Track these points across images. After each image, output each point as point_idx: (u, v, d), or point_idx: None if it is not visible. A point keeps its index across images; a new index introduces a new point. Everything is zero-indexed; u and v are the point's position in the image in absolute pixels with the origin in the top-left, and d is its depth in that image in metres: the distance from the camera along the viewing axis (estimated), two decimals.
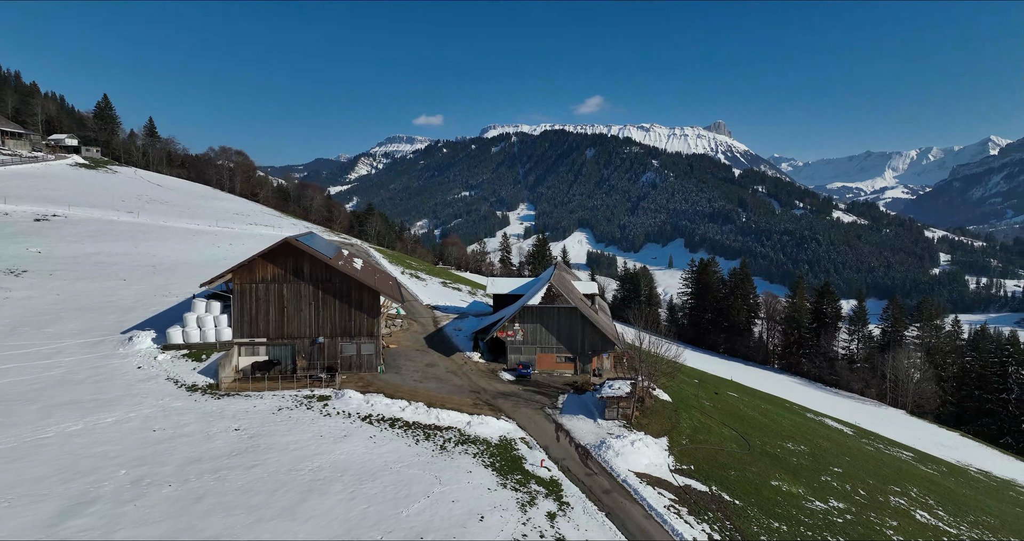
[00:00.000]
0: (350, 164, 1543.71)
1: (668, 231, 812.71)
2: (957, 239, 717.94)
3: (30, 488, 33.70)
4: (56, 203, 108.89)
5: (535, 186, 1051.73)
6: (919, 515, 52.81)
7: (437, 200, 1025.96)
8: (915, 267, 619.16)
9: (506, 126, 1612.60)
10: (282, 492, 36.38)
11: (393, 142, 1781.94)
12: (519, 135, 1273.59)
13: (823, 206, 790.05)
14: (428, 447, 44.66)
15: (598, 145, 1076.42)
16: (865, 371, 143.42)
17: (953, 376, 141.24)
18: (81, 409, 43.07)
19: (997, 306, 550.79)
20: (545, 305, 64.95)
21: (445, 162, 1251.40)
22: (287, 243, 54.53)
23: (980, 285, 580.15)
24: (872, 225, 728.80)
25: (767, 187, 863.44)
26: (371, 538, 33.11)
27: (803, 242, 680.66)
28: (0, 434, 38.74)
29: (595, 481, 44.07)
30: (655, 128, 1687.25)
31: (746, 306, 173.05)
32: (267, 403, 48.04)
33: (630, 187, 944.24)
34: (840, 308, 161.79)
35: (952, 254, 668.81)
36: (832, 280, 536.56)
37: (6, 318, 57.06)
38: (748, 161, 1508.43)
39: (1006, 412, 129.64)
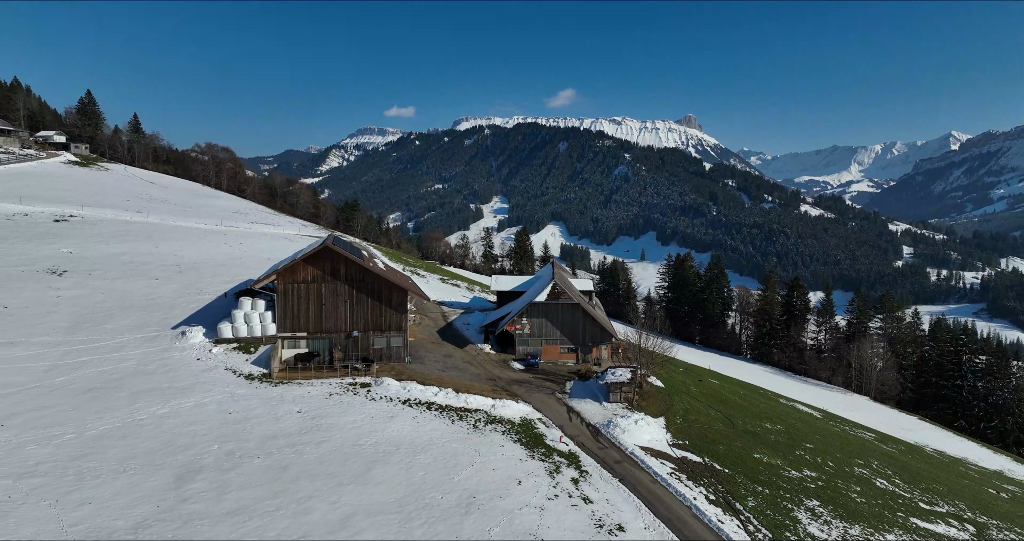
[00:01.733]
0: (321, 156, 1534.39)
1: (640, 224, 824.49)
2: (919, 232, 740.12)
3: (145, 460, 40.13)
4: (66, 203, 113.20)
5: (508, 179, 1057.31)
6: (879, 482, 61.32)
7: (410, 193, 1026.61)
8: (879, 260, 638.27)
9: (478, 118, 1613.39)
10: (352, 462, 43.24)
11: (365, 134, 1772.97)
12: (492, 128, 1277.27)
13: (791, 200, 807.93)
14: (463, 426, 51.73)
15: (571, 138, 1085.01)
16: (832, 360, 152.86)
17: (913, 364, 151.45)
18: (162, 395, 49.31)
19: (956, 297, 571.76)
20: (550, 302, 72.34)
21: (418, 154, 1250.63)
22: (327, 248, 61.01)
23: (941, 277, 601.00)
24: (838, 218, 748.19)
25: (737, 181, 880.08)
26: (433, 497, 40.19)
27: (772, 235, 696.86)
28: (103, 416, 44.94)
29: (607, 454, 51.57)
30: (627, 121, 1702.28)
31: (720, 299, 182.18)
32: (318, 390, 54.68)
33: (603, 180, 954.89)
34: (809, 301, 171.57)
35: (915, 247, 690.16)
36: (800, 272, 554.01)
37: (65, 315, 62.66)
38: (718, 155, 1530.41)
39: (960, 397, 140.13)
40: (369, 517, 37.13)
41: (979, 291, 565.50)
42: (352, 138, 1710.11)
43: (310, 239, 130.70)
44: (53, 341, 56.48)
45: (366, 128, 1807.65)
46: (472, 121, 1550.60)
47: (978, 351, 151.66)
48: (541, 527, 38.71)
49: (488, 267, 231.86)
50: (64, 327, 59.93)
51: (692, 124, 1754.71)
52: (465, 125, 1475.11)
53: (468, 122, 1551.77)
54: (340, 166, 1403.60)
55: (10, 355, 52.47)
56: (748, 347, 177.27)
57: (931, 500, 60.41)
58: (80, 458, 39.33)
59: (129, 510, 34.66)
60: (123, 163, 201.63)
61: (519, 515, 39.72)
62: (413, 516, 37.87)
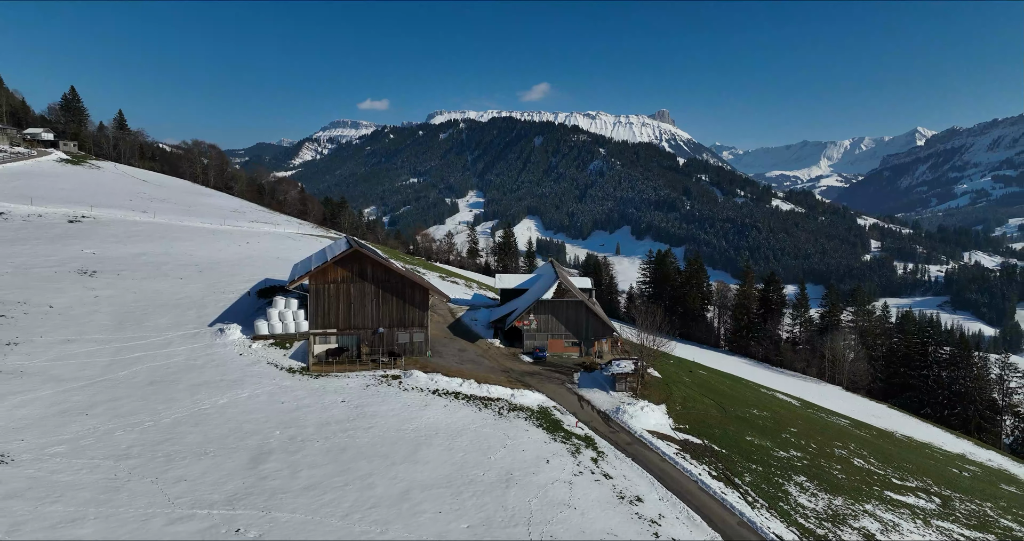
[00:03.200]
0: (294, 149, 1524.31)
1: (615, 219, 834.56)
2: (887, 226, 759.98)
3: (219, 444, 45.18)
4: (73, 203, 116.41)
5: (484, 173, 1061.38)
6: (856, 461, 68.27)
7: (385, 187, 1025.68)
8: (848, 253, 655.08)
9: (453, 112, 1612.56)
10: (399, 445, 48.68)
11: (338, 127, 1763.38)
12: (467, 122, 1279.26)
13: (763, 194, 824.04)
14: (489, 413, 57.37)
15: (546, 133, 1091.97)
16: (807, 352, 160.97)
17: (882, 356, 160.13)
18: (217, 387, 54.20)
19: (922, 290, 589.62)
20: (556, 299, 78.22)
21: (392, 148, 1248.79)
22: (356, 251, 66.11)
23: (907, 271, 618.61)
24: (809, 213, 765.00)
25: (710, 176, 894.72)
26: (476, 474, 45.83)
27: (744, 229, 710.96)
28: (171, 406, 49.79)
29: (618, 437, 57.61)
30: (601, 116, 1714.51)
31: (700, 294, 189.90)
32: (355, 381, 59.89)
33: (578, 175, 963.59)
34: (785, 295, 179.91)
35: (882, 241, 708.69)
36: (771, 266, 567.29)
37: (108, 314, 66.95)
38: (691, 149, 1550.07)
39: (926, 386, 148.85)
40: (424, 491, 42.67)
41: (943, 284, 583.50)
42: (325, 131, 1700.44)
43: (311, 238, 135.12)
44: (104, 338, 60.91)
45: (339, 121, 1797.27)
46: (446, 115, 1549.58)
47: (943, 343, 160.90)
48: (572, 498, 44.58)
49: (473, 263, 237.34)
50: (110, 325, 64.30)
51: (666, 119, 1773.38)
52: (439, 119, 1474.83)
53: (442, 115, 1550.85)
54: (314, 159, 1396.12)
55: (72, 351, 56.90)
56: (726, 340, 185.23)
57: (902, 477, 67.50)
58: (163, 442, 44.26)
59: (220, 486, 39.79)
60: (110, 160, 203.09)
61: (552, 488, 45.53)
62: (461, 490, 43.49)
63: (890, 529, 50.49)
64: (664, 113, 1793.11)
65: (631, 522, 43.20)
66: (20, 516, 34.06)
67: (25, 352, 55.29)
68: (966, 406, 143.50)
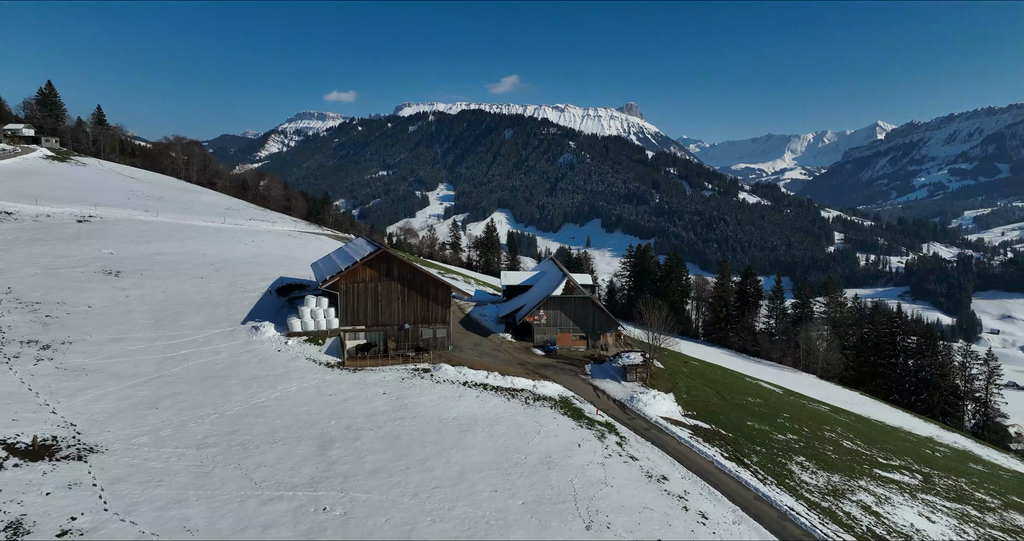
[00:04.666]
0: (260, 141, 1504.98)
1: (586, 211, 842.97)
2: (849, 219, 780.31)
3: (285, 433, 49.18)
4: (75, 203, 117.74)
5: (454, 166, 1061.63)
6: (845, 443, 74.59)
7: (354, 179, 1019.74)
8: (813, 245, 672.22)
9: (421, 104, 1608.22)
10: (445, 432, 53.18)
11: (304, 118, 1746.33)
12: (436, 114, 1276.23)
13: (730, 187, 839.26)
14: (517, 403, 62.12)
15: (516, 126, 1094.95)
16: (782, 342, 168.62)
17: (853, 345, 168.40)
18: (266, 382, 58.02)
19: (884, 281, 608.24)
20: (566, 295, 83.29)
21: (361, 140, 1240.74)
22: (384, 252, 70.23)
23: (869, 262, 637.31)
24: (775, 206, 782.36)
25: (678, 169, 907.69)
26: (519, 457, 50.57)
27: (712, 222, 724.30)
28: (230, 399, 53.53)
29: (636, 423, 62.83)
30: (570, 109, 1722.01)
31: (680, 287, 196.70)
32: (389, 375, 64.11)
33: (548, 168, 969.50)
34: (761, 288, 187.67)
35: (845, 233, 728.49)
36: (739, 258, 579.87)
37: (144, 313, 70.03)
38: (659, 143, 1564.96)
39: (894, 374, 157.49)
40: (477, 472, 47.30)
41: (904, 275, 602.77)
42: (291, 123, 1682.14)
43: (310, 236, 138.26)
44: (148, 337, 64.15)
45: (305, 113, 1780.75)
46: (415, 107, 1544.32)
47: (910, 332, 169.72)
48: (608, 477, 49.62)
49: (456, 258, 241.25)
50: (149, 324, 67.48)
51: (634, 112, 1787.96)
52: (408, 111, 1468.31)
53: (411, 108, 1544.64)
54: (280, 152, 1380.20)
55: (123, 349, 60.14)
56: (704, 331, 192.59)
57: (886, 456, 73.98)
58: (234, 433, 48.12)
59: (296, 471, 43.92)
60: (90, 156, 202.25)
61: (588, 469, 50.51)
62: (510, 471, 48.22)
63: (883, 502, 56.55)
64: (632, 106, 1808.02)
65: (662, 497, 48.41)
66: (132, 498, 37.89)
67: (80, 350, 58.40)
68: (931, 392, 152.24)
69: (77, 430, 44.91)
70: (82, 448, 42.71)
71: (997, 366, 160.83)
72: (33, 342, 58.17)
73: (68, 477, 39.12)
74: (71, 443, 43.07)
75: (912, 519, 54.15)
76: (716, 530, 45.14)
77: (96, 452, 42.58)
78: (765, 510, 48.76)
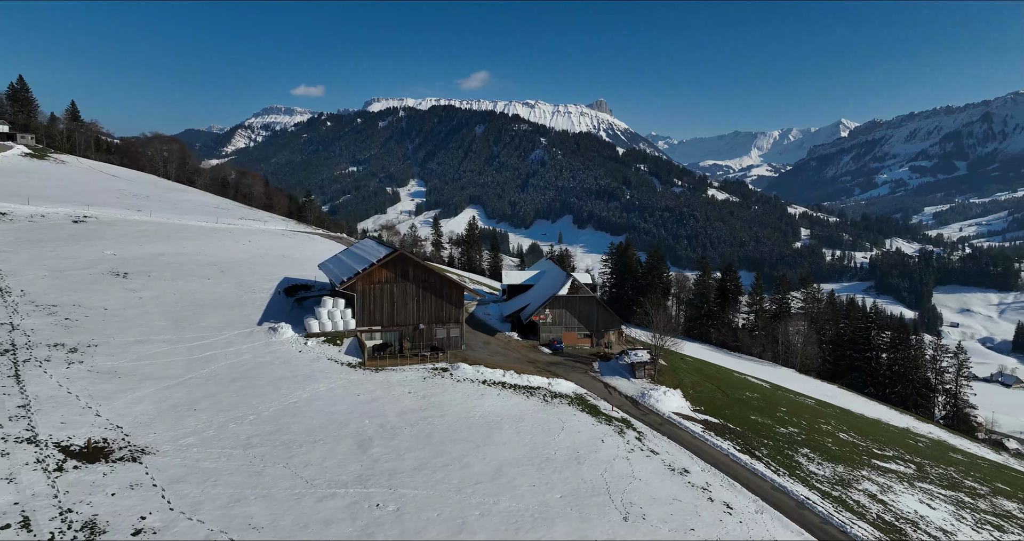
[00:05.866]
0: (226, 136, 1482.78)
1: (557, 208, 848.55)
2: (815, 215, 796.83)
3: (323, 432, 50.56)
4: (66, 202, 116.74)
5: (425, 162, 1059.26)
6: (841, 435, 78.13)
7: (323, 175, 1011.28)
8: (780, 241, 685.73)
9: (391, 99, 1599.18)
10: (474, 430, 55.02)
11: (271, 113, 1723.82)
12: (406, 110, 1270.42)
13: (699, 184, 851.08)
14: (536, 400, 64.18)
15: (487, 122, 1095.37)
16: (763, 337, 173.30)
17: (830, 340, 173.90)
18: (294, 382, 59.21)
19: (849, 276, 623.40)
20: (571, 295, 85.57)
21: (330, 136, 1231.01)
22: (401, 254, 71.72)
23: (835, 257, 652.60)
24: (743, 202, 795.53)
25: (648, 166, 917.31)
26: (549, 453, 52.67)
27: (682, 218, 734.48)
28: (263, 400, 54.66)
29: (650, 418, 65.36)
30: (540, 105, 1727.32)
31: (661, 284, 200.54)
32: (411, 374, 65.66)
33: (520, 164, 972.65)
34: (741, 284, 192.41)
35: (811, 229, 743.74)
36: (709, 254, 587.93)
37: (160, 315, 70.51)
38: (628, 139, 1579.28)
39: (870, 368, 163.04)
40: (513, 467, 49.28)
41: (868, 270, 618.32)
42: (258, 117, 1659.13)
43: (304, 235, 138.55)
44: (171, 338, 64.81)
45: (272, 107, 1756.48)
46: (384, 102, 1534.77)
47: (884, 327, 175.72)
48: (635, 471, 51.97)
49: (438, 256, 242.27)
50: (168, 326, 68.07)
51: (603, 108, 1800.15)
52: (377, 106, 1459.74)
53: (380, 103, 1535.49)
54: (247, 147, 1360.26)
55: (148, 352, 60.80)
56: (685, 328, 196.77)
57: (880, 447, 77.72)
58: (275, 433, 49.40)
59: (343, 468, 45.44)
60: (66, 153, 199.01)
61: (615, 463, 52.80)
62: (542, 466, 50.29)
63: (886, 491, 59.88)
64: (602, 103, 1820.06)
65: (687, 489, 50.91)
66: (194, 498, 39.13)
67: (107, 353, 58.93)
68: (904, 385, 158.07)
69: (124, 432, 45.81)
70: (134, 450, 43.70)
71: (966, 359, 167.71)
72: (60, 345, 58.55)
73: (128, 478, 40.19)
74: (122, 445, 44.01)
75: (915, 506, 57.53)
76: (743, 519, 47.73)
77: (148, 453, 43.60)
78: (783, 500, 51.55)
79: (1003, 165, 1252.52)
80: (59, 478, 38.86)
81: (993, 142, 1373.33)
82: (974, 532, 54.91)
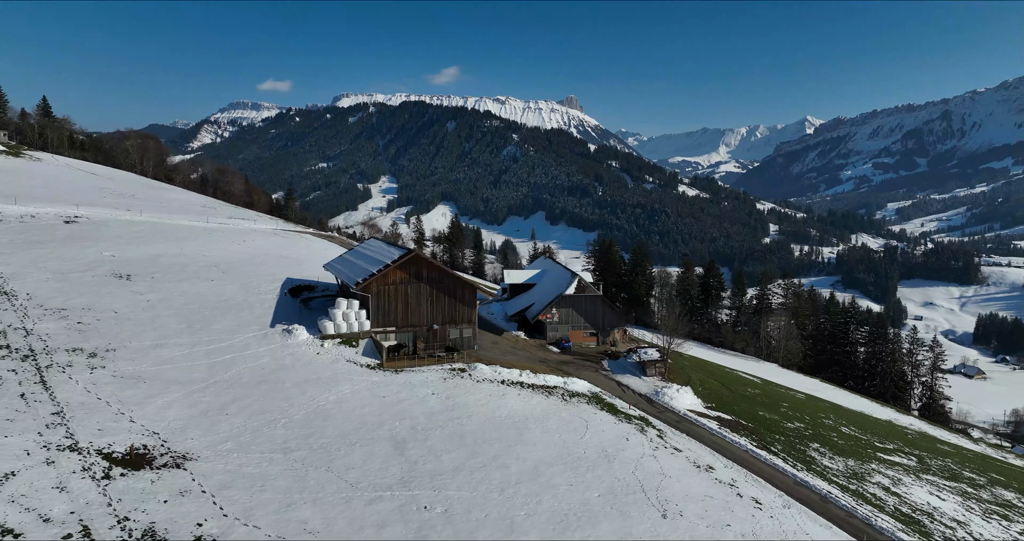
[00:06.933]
0: (192, 131, 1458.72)
1: (530, 204, 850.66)
2: (783, 211, 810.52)
3: (357, 435, 50.71)
4: (53, 201, 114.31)
5: (396, 158, 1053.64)
6: (844, 429, 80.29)
7: (293, 172, 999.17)
8: (750, 237, 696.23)
9: (360, 95, 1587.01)
10: (503, 430, 55.61)
11: (238, 108, 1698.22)
12: (377, 105, 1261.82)
13: (670, 180, 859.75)
14: (556, 399, 64.95)
15: (459, 118, 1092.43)
16: (745, 332, 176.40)
17: (811, 334, 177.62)
18: (318, 384, 59.13)
19: (816, 271, 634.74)
20: (578, 294, 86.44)
21: (299, 131, 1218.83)
22: (416, 255, 71.91)
23: (803, 252, 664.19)
24: (713, 198, 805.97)
25: (620, 162, 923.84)
26: (579, 452, 53.50)
27: (654, 214, 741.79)
28: (292, 403, 54.55)
29: (666, 416, 66.57)
30: (511, 101, 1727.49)
31: (645, 281, 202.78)
32: (431, 375, 65.90)
33: (492, 160, 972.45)
34: (723, 280, 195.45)
35: (780, 224, 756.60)
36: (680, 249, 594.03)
37: (172, 318, 69.68)
38: (599, 136, 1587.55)
39: (848, 361, 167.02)
40: (548, 467, 50.02)
41: (835, 264, 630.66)
42: (224, 112, 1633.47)
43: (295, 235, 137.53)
44: (187, 342, 64.22)
45: (239, 102, 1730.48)
46: (354, 97, 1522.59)
47: (863, 322, 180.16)
48: (664, 468, 53.06)
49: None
50: (182, 329, 67.39)
51: (574, 105, 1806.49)
52: (347, 101, 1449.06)
53: (350, 98, 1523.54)
54: (214, 143, 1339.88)
55: (167, 355, 60.22)
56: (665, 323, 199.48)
57: (880, 440, 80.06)
58: (310, 436, 49.43)
59: (384, 471, 45.72)
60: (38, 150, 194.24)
61: (643, 461, 53.82)
62: (576, 465, 51.11)
63: (897, 483, 61.90)
64: (572, 99, 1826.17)
65: (716, 486, 52.16)
66: (245, 503, 39.14)
67: (127, 357, 58.27)
68: (883, 378, 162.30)
69: (162, 438, 45.51)
70: (175, 456, 43.47)
71: (942, 352, 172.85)
72: (78, 350, 57.73)
73: (176, 485, 40.03)
74: (163, 451, 43.75)
75: (926, 498, 59.61)
76: (773, 514, 49.07)
77: (190, 459, 43.40)
78: (807, 494, 53.09)
79: (961, 162, 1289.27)
80: (108, 486, 38.61)
81: (952, 139, 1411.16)
82: (985, 522, 57.14)
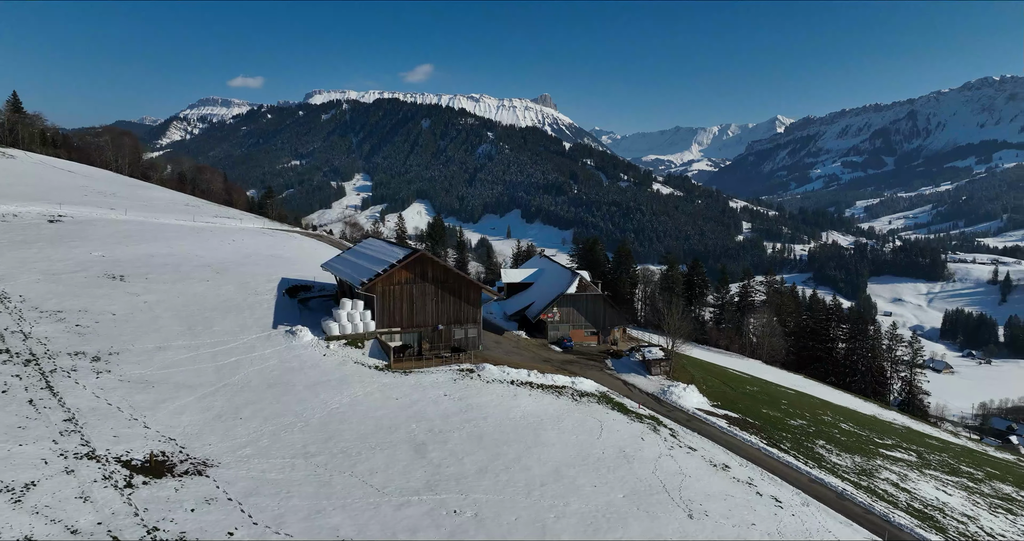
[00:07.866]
0: (161, 128, 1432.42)
1: (505, 202, 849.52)
2: (755, 209, 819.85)
3: (375, 439, 49.94)
4: (34, 200, 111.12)
5: (370, 156, 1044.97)
6: (843, 425, 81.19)
7: (265, 169, 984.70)
8: (723, 234, 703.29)
9: (333, 91, 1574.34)
10: (520, 431, 55.19)
11: (208, 105, 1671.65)
12: (350, 103, 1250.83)
13: (644, 179, 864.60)
14: (567, 399, 64.69)
15: (433, 116, 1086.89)
16: (730, 330, 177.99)
17: (793, 331, 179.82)
18: (329, 387, 58.14)
19: (789, 268, 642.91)
20: (579, 293, 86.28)
21: (270, 129, 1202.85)
22: (422, 255, 71.14)
23: (776, 249, 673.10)
24: (687, 196, 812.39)
25: (595, 160, 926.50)
26: (597, 452, 53.29)
27: (629, 212, 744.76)
28: (306, 406, 53.53)
29: (676, 415, 66.69)
30: (485, 99, 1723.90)
31: (629, 278, 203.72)
32: (441, 376, 65.20)
33: (467, 158, 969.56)
34: (707, 278, 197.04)
35: (752, 222, 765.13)
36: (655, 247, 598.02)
37: (172, 320, 67.99)
38: (573, 134, 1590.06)
39: (830, 358, 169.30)
40: (569, 468, 49.74)
41: (807, 262, 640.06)
42: (194, 109, 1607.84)
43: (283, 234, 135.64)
44: (191, 344, 62.74)
45: (209, 99, 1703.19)
46: (327, 94, 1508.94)
47: (844, 319, 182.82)
48: (682, 468, 53.09)
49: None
50: (183, 331, 65.82)
51: (548, 103, 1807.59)
52: (319, 98, 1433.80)
53: (322, 95, 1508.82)
54: (183, 139, 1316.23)
55: (172, 359, 58.76)
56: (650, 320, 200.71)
57: (879, 436, 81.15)
58: (329, 440, 48.55)
59: (408, 474, 45.07)
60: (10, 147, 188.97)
61: (661, 461, 53.80)
62: (597, 465, 50.89)
63: (904, 479, 62.72)
64: (546, 97, 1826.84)
65: (735, 484, 52.31)
66: (273, 510, 38.23)
67: (132, 361, 56.74)
68: (863, 374, 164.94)
69: (179, 445, 44.36)
70: (196, 463, 42.37)
71: (920, 348, 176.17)
72: (81, 353, 56.07)
73: (200, 493, 38.97)
74: (182, 458, 42.61)
75: (934, 493, 60.49)
76: (794, 513, 49.34)
77: (211, 466, 42.34)
78: (823, 492, 53.51)
79: (927, 161, 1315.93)
80: (132, 495, 37.43)
81: (918, 138, 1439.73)
82: (992, 516, 58.13)
